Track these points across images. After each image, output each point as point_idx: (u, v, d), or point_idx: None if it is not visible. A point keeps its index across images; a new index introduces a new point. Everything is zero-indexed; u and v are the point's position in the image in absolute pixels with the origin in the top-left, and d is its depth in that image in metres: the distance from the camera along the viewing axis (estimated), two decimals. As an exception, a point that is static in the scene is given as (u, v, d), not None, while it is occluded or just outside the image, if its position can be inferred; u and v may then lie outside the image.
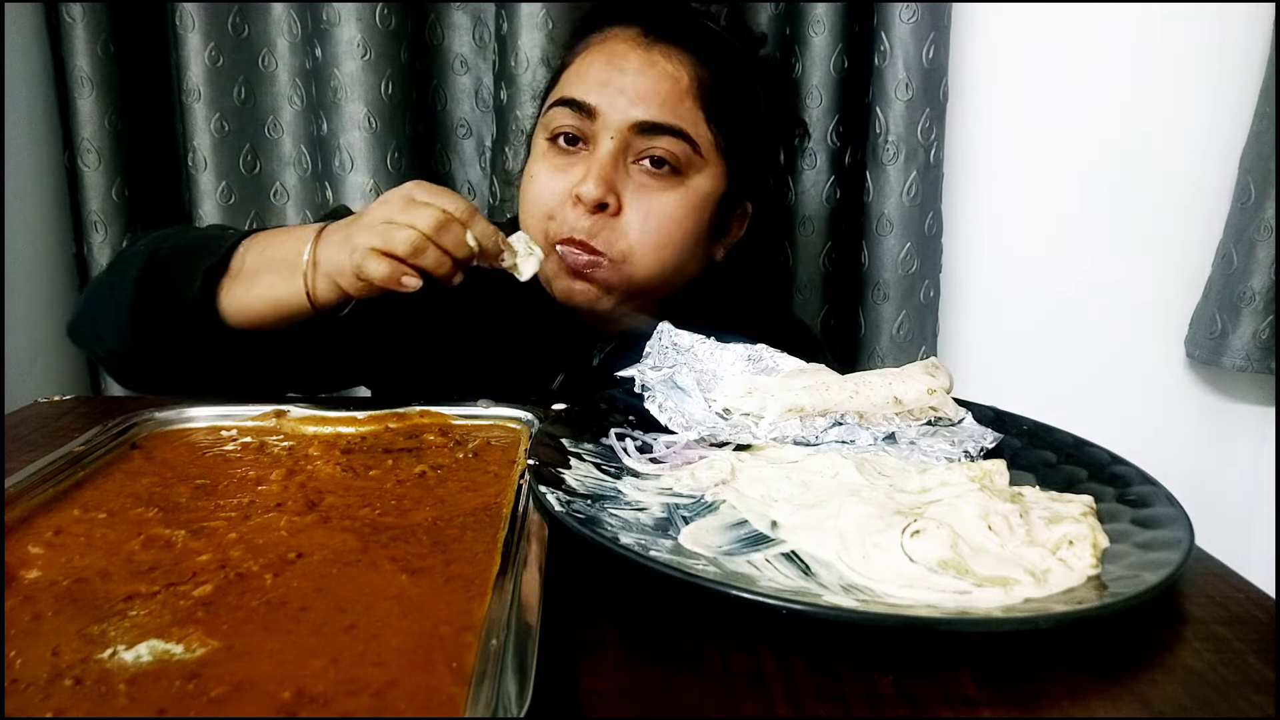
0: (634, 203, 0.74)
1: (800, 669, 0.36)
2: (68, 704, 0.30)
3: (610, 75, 0.74)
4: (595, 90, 0.74)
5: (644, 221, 0.74)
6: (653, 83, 0.74)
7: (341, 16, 1.06)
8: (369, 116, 1.08)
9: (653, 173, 0.74)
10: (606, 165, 0.73)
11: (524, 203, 0.78)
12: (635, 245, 0.74)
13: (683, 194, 0.75)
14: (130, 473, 0.52)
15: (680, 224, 0.75)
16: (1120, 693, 0.35)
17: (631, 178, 0.74)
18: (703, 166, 0.76)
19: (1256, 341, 1.13)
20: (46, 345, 1.12)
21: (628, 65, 0.74)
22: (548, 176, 0.75)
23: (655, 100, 0.73)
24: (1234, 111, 1.15)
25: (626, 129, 0.73)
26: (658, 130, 0.73)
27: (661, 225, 0.74)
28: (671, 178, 0.75)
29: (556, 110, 0.75)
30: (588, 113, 0.74)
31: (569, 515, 0.43)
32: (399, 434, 0.60)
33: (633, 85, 0.73)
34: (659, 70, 0.74)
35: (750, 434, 0.58)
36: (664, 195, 0.74)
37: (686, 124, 0.74)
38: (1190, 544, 0.42)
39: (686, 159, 0.74)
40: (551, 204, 0.75)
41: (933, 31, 1.06)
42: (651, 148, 0.73)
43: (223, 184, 1.14)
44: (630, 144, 0.73)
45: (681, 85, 0.75)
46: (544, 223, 0.75)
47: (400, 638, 0.34)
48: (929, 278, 1.14)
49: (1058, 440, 0.58)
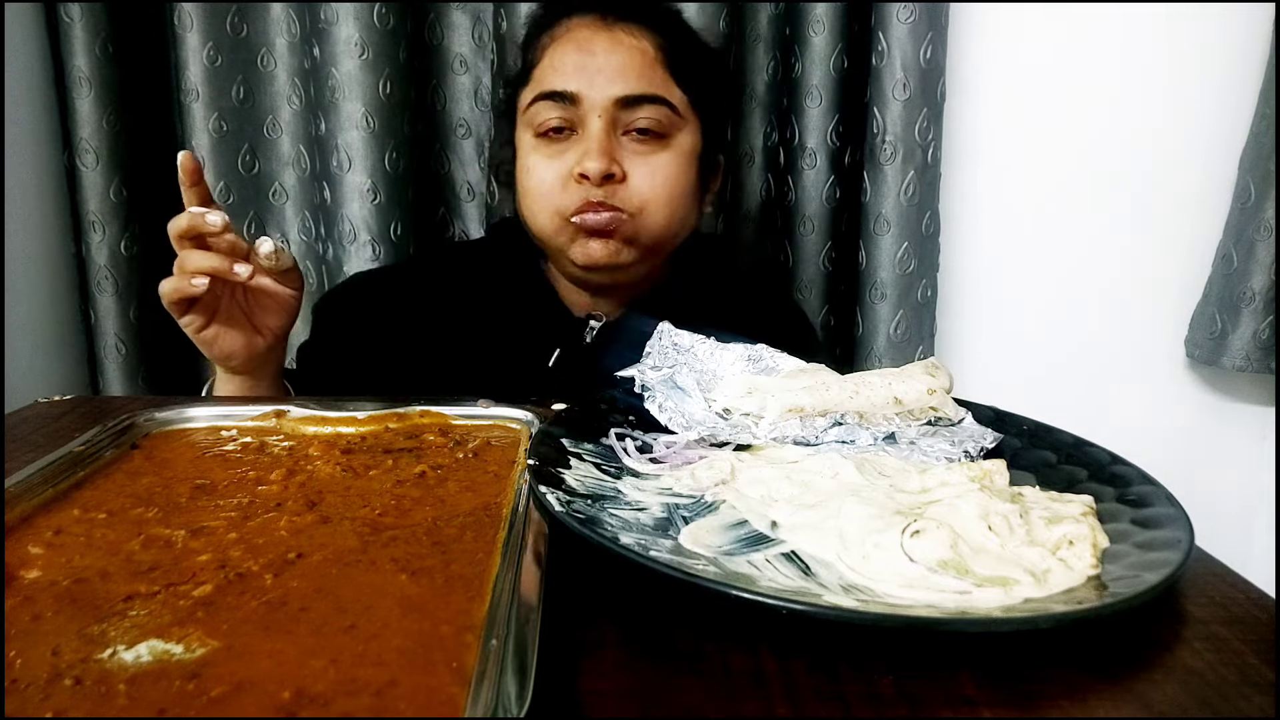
0: (635, 169, 0.80)
1: (800, 669, 0.36)
2: (68, 704, 0.30)
3: (583, 60, 0.80)
4: (573, 78, 0.79)
5: (650, 180, 0.80)
6: (623, 59, 0.80)
7: (340, 16, 1.06)
8: (367, 116, 1.08)
9: (642, 139, 0.80)
10: (604, 140, 0.78)
11: (527, 193, 0.83)
12: (648, 201, 0.80)
13: (673, 153, 0.82)
14: (130, 473, 0.52)
15: (679, 179, 0.82)
16: (1120, 693, 0.35)
17: (625, 147, 0.80)
18: (683, 125, 0.83)
19: (1256, 341, 1.13)
20: (46, 345, 1.12)
21: (596, 48, 0.80)
22: (545, 165, 0.81)
23: (631, 74, 0.79)
24: (1234, 112, 1.15)
25: (611, 105, 0.79)
26: (639, 101, 0.79)
27: (666, 182, 0.81)
28: (659, 140, 0.81)
29: (539, 105, 0.81)
30: (570, 100, 0.79)
31: (569, 515, 0.43)
32: (399, 434, 0.60)
33: (606, 65, 0.79)
34: (626, 46, 0.80)
35: (750, 434, 0.58)
36: (658, 156, 0.81)
37: (662, 90, 0.81)
38: (1190, 544, 0.42)
39: (669, 121, 0.81)
40: (556, 186, 0.80)
41: (930, 31, 1.06)
42: (636, 118, 0.80)
43: (221, 184, 1.14)
44: (617, 119, 0.79)
45: (649, 56, 0.81)
46: (553, 203, 0.80)
47: (400, 638, 0.34)
48: (926, 277, 1.14)
49: (1058, 440, 0.58)
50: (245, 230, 1.16)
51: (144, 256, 1.14)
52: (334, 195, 1.11)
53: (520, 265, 0.91)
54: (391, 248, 1.12)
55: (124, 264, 1.12)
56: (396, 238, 1.12)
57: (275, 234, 1.18)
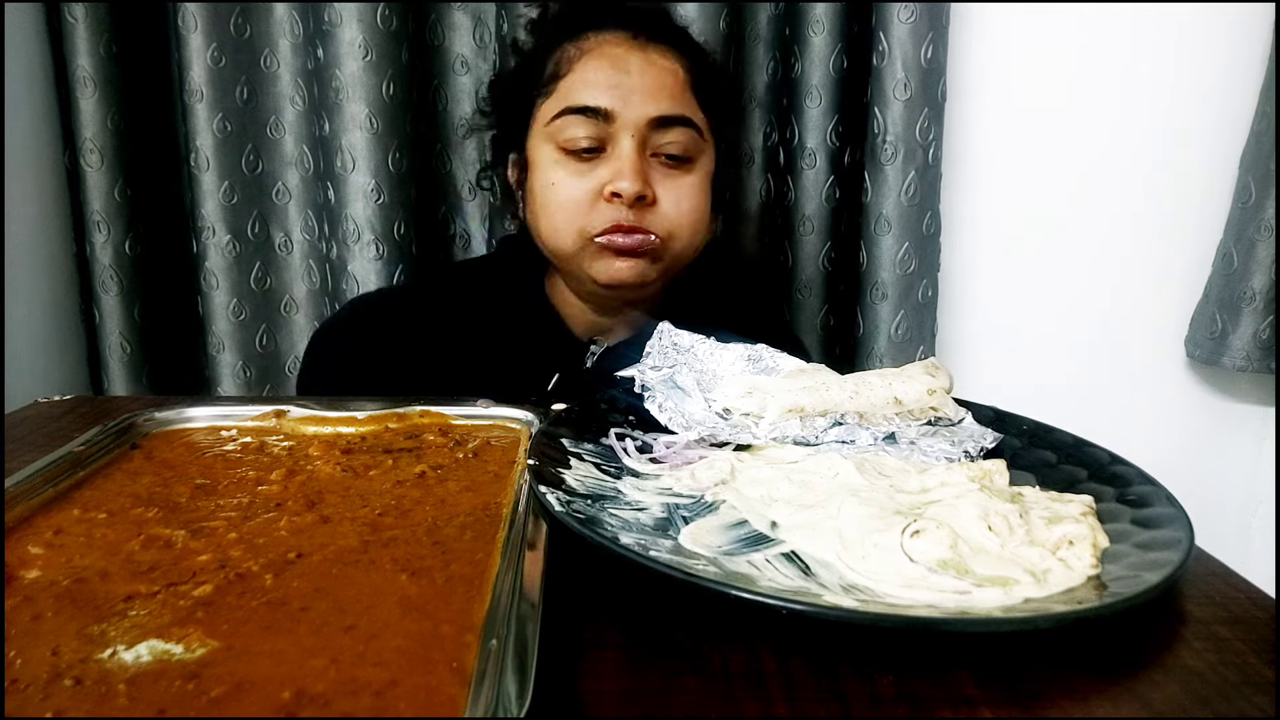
0: (664, 192, 0.80)
1: (800, 669, 0.36)
2: (68, 704, 0.30)
3: (618, 78, 0.79)
4: (606, 94, 0.78)
5: (677, 206, 0.81)
6: (657, 79, 0.80)
7: (343, 17, 1.06)
8: (370, 117, 1.08)
9: (671, 164, 0.81)
10: (637, 161, 0.78)
11: (547, 208, 0.81)
12: (675, 225, 0.81)
13: (697, 177, 0.83)
14: (130, 473, 0.52)
15: (702, 203, 0.83)
16: (1120, 693, 0.35)
17: (654, 169, 0.80)
18: (705, 149, 0.83)
19: (1256, 341, 1.13)
20: (46, 345, 1.12)
21: (630, 67, 0.79)
22: (572, 181, 0.80)
23: (664, 95, 0.79)
24: (1234, 111, 1.15)
25: (644, 125, 0.79)
26: (671, 123, 0.79)
27: (692, 207, 0.82)
28: (686, 164, 0.82)
29: (568, 119, 0.79)
30: (604, 116, 0.78)
31: (569, 515, 0.43)
32: (399, 434, 0.60)
33: (640, 84, 0.79)
34: (659, 68, 0.80)
35: (750, 434, 0.58)
36: (685, 180, 0.81)
37: (690, 113, 0.81)
38: (1190, 544, 0.42)
39: (695, 145, 0.82)
40: (584, 204, 0.79)
41: (931, 31, 1.06)
42: (665, 141, 0.80)
43: (225, 184, 1.14)
44: (647, 139, 0.79)
45: (680, 79, 0.81)
46: (578, 221, 0.80)
47: (400, 638, 0.34)
48: (927, 277, 1.14)
49: (1058, 440, 0.58)
50: (249, 229, 1.16)
51: (148, 256, 1.14)
52: (338, 195, 1.11)
53: (524, 285, 0.90)
54: (395, 246, 1.12)
55: (128, 264, 1.12)
56: (399, 237, 1.12)
57: (278, 233, 1.18)
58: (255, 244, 1.17)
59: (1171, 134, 1.18)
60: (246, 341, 1.18)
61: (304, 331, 1.19)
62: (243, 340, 1.18)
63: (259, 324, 1.19)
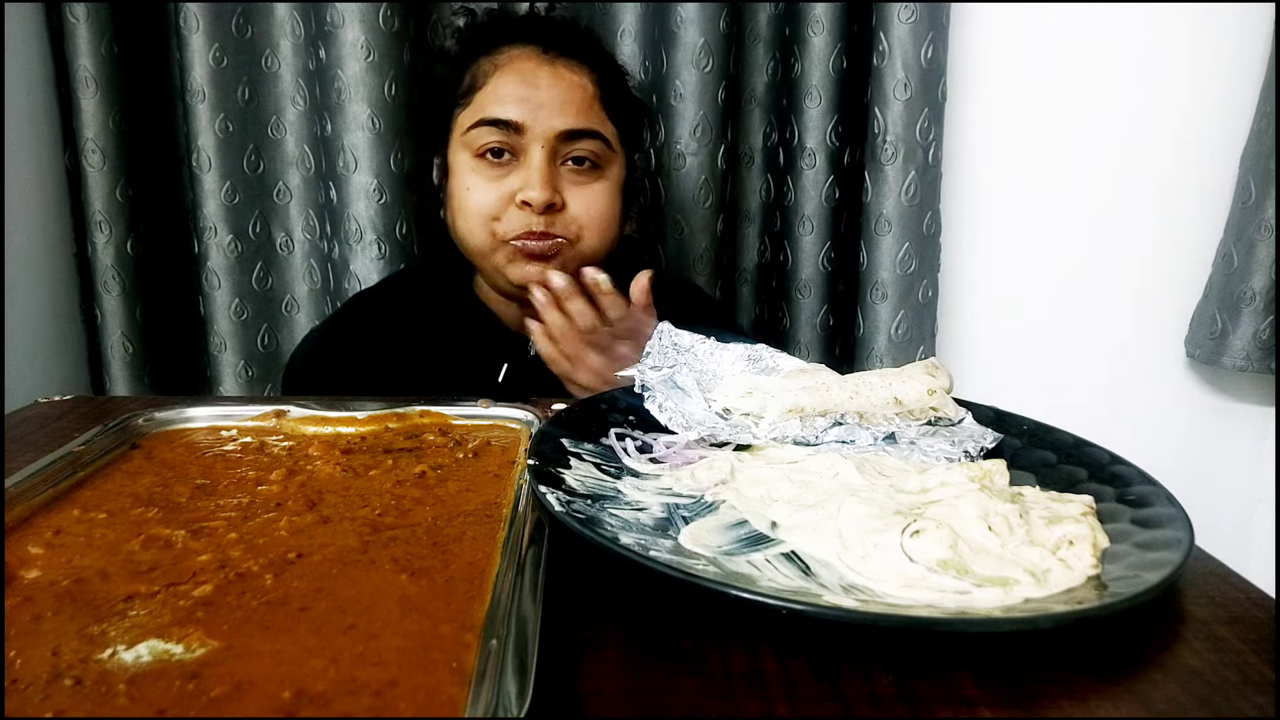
0: (573, 197, 0.85)
1: (800, 669, 0.36)
2: (68, 704, 0.30)
3: (527, 92, 0.83)
4: (516, 107, 0.83)
5: (586, 210, 0.85)
6: (566, 94, 0.84)
7: (345, 18, 1.06)
8: (372, 117, 1.08)
9: (579, 169, 0.85)
10: (547, 171, 0.83)
11: (462, 211, 0.86)
12: (584, 228, 0.86)
13: (607, 183, 0.87)
14: (130, 473, 0.52)
15: (611, 207, 0.88)
16: (1120, 693, 0.35)
17: (563, 176, 0.85)
18: (614, 158, 0.88)
19: (1256, 341, 1.13)
20: (46, 345, 1.13)
21: (540, 81, 0.84)
22: (486, 187, 0.84)
23: (572, 109, 0.84)
24: (1234, 111, 1.15)
25: (553, 137, 0.83)
26: (579, 135, 0.84)
27: (600, 211, 0.86)
28: (594, 171, 0.86)
29: (482, 129, 0.84)
30: (515, 129, 0.83)
31: (569, 515, 0.43)
32: (399, 434, 0.60)
33: (549, 99, 0.83)
34: (568, 82, 0.85)
35: (750, 434, 0.58)
36: (594, 186, 0.86)
37: (598, 125, 0.86)
38: (1190, 544, 0.42)
39: (604, 155, 0.86)
40: (495, 209, 0.84)
41: (931, 31, 1.06)
42: (574, 150, 0.84)
43: (226, 184, 1.14)
44: (556, 150, 0.84)
45: (588, 93, 0.86)
46: (489, 225, 0.84)
47: (400, 638, 0.34)
48: (927, 277, 1.14)
49: (1058, 440, 0.58)
50: (251, 229, 1.16)
51: (149, 256, 1.14)
52: (340, 195, 1.11)
53: (453, 288, 0.94)
54: (397, 246, 1.13)
55: (130, 264, 1.12)
56: (401, 236, 1.13)
57: (279, 232, 1.18)
58: (257, 244, 1.17)
59: (1172, 134, 1.18)
60: (248, 341, 1.18)
61: (306, 331, 1.20)
62: (244, 340, 1.18)
63: (261, 324, 1.19)
